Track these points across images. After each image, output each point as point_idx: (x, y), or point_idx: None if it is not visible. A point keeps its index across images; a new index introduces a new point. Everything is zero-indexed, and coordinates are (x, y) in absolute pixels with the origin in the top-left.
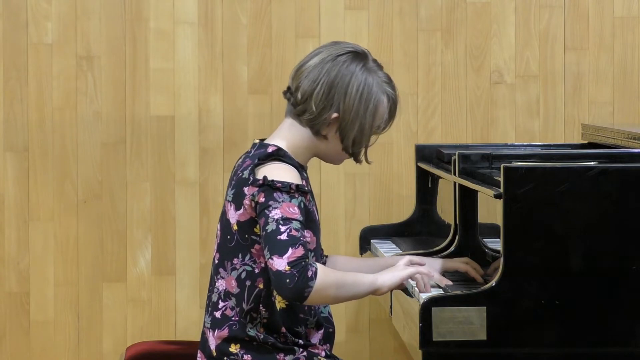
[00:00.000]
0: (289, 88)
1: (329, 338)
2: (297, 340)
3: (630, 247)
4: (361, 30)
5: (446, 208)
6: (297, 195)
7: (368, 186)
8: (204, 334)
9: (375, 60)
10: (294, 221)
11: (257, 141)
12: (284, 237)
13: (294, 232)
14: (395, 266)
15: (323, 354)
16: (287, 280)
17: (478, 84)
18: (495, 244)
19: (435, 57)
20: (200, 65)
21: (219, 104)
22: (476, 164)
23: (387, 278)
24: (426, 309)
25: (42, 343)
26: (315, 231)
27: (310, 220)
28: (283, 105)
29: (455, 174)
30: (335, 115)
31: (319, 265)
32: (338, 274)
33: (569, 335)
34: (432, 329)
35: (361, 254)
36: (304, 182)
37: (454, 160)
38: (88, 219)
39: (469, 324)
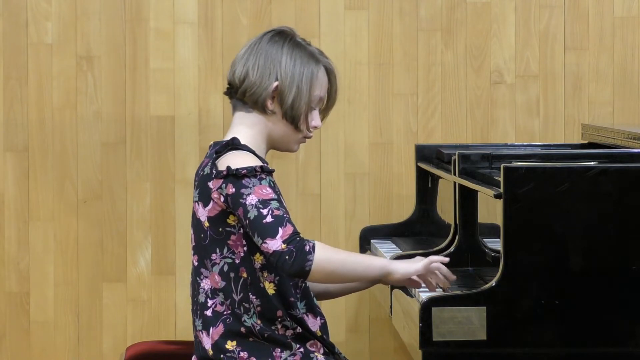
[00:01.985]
0: (228, 84)
1: (325, 329)
2: (295, 326)
3: (630, 247)
4: (361, 30)
5: (446, 208)
6: (264, 176)
7: (368, 186)
8: (196, 337)
9: (302, 38)
10: (271, 201)
11: (212, 143)
12: (269, 219)
13: (276, 212)
14: (413, 259)
15: (322, 351)
16: (287, 257)
17: (478, 84)
18: (495, 244)
19: (435, 57)
20: (200, 65)
21: (219, 104)
22: (476, 164)
23: (402, 267)
24: (426, 309)
25: (42, 343)
26: (287, 209)
27: (281, 196)
28: None
29: (455, 174)
30: (275, 83)
31: (317, 242)
32: (343, 252)
33: (569, 335)
34: (432, 329)
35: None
36: (266, 163)
37: (454, 160)
38: (88, 219)
39: (469, 324)
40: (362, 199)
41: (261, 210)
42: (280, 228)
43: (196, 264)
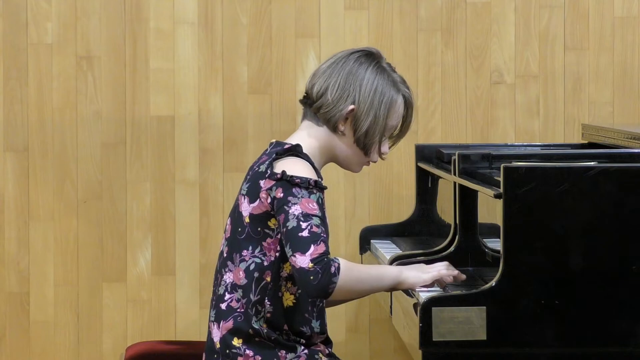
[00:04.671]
0: (305, 93)
1: (327, 343)
2: (299, 339)
3: (630, 247)
4: (361, 30)
5: (446, 208)
6: (315, 191)
7: (368, 186)
8: (208, 327)
9: (389, 63)
10: (314, 217)
11: (274, 141)
12: (305, 233)
13: (314, 229)
14: (420, 267)
15: (326, 352)
16: (311, 277)
17: (478, 84)
18: (495, 244)
19: (435, 57)
20: (200, 65)
21: (219, 104)
22: (476, 164)
23: (412, 275)
24: (426, 309)
25: (42, 343)
26: (327, 230)
27: (324, 214)
28: (283, 105)
29: (455, 174)
30: (351, 107)
31: (341, 260)
32: (362, 268)
33: (569, 335)
34: (432, 329)
35: (361, 254)
36: (321, 179)
37: (454, 160)
38: (88, 219)
39: (469, 324)
40: (362, 199)
41: (301, 223)
42: (313, 245)
43: (225, 255)
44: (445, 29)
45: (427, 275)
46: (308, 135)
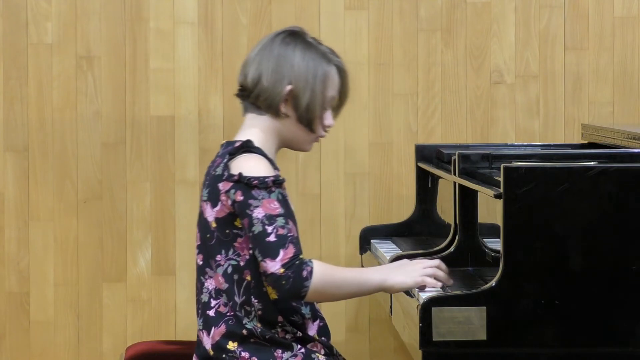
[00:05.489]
0: (240, 86)
1: (325, 331)
2: (295, 331)
3: (630, 247)
4: (361, 30)
5: (446, 208)
6: (274, 189)
7: (368, 186)
8: (198, 337)
9: (313, 37)
10: (278, 218)
11: (224, 142)
12: (272, 238)
13: (281, 231)
14: (407, 269)
15: (322, 352)
16: (283, 282)
17: (478, 84)
18: (495, 244)
19: (435, 57)
20: (200, 65)
21: (219, 104)
22: (476, 164)
23: (397, 282)
24: (426, 309)
25: (42, 343)
26: (295, 222)
27: (289, 209)
28: None
29: (455, 174)
30: (289, 87)
31: (315, 263)
32: (339, 273)
33: (569, 335)
34: (432, 329)
35: (361, 254)
36: (277, 171)
37: (454, 160)
38: (88, 219)
39: (469, 324)
40: (362, 199)
41: (266, 226)
42: (281, 250)
43: (201, 263)
44: (445, 29)
45: (410, 281)
46: (255, 128)
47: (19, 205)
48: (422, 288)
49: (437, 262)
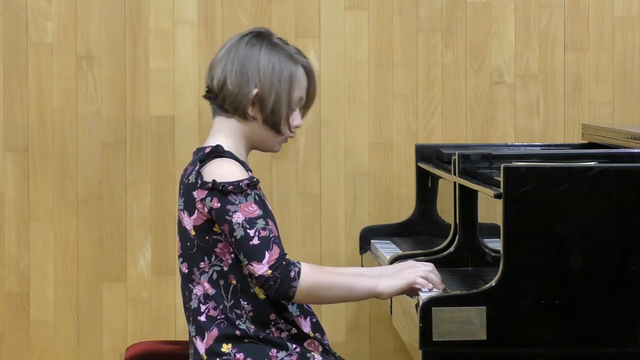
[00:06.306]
0: (207, 88)
1: (317, 327)
2: (290, 327)
3: (630, 247)
4: (361, 30)
5: (446, 208)
6: (249, 191)
7: (368, 186)
8: (191, 343)
9: (280, 38)
10: (258, 220)
11: (195, 149)
12: (255, 241)
13: (263, 233)
14: (398, 273)
15: (320, 349)
16: (271, 283)
17: (478, 84)
18: (495, 244)
19: (435, 57)
20: (200, 65)
21: None
22: (476, 164)
23: (388, 286)
24: (426, 309)
25: (42, 343)
26: (274, 222)
27: (267, 210)
28: None
29: (455, 174)
30: (255, 91)
31: (304, 265)
32: (328, 275)
33: (569, 335)
34: (432, 329)
35: (361, 254)
36: (250, 173)
37: (454, 160)
38: (88, 219)
39: (469, 324)
40: (362, 199)
41: (248, 230)
42: (266, 252)
43: (186, 271)
44: (445, 29)
45: (402, 282)
46: (223, 132)
47: (19, 205)
48: (414, 293)
49: (430, 266)
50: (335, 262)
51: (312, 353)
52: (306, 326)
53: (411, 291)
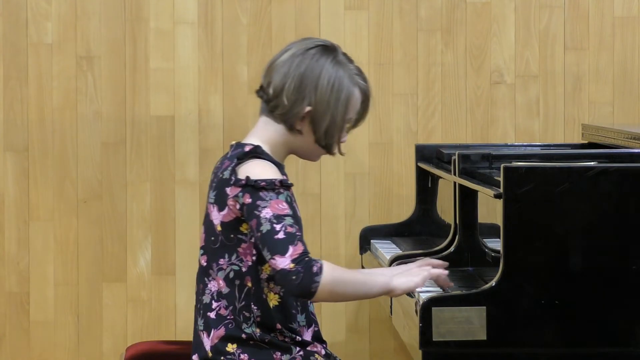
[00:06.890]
0: (261, 86)
1: (318, 337)
2: (294, 336)
3: (630, 247)
4: (361, 30)
5: (446, 208)
6: (282, 191)
7: (368, 186)
8: (197, 336)
9: (345, 54)
10: (286, 217)
11: (234, 143)
12: (281, 235)
13: (289, 229)
14: (411, 270)
15: (323, 352)
16: (293, 277)
17: (478, 84)
18: (495, 244)
19: (435, 57)
20: (200, 65)
21: (219, 104)
22: (476, 164)
23: (402, 282)
24: (426, 309)
25: (42, 343)
26: (301, 226)
27: (296, 213)
28: None
29: (455, 174)
30: (308, 109)
31: (324, 262)
32: (348, 271)
33: (569, 335)
34: (432, 329)
35: (361, 254)
36: (286, 177)
37: (454, 160)
38: (88, 219)
39: (469, 324)
40: (362, 199)
41: (275, 225)
42: (290, 246)
43: (205, 264)
44: (445, 29)
45: (418, 278)
46: (266, 134)
47: (19, 205)
48: (446, 286)
49: (441, 263)
50: (335, 262)
51: (316, 355)
52: (307, 335)
53: (443, 282)
